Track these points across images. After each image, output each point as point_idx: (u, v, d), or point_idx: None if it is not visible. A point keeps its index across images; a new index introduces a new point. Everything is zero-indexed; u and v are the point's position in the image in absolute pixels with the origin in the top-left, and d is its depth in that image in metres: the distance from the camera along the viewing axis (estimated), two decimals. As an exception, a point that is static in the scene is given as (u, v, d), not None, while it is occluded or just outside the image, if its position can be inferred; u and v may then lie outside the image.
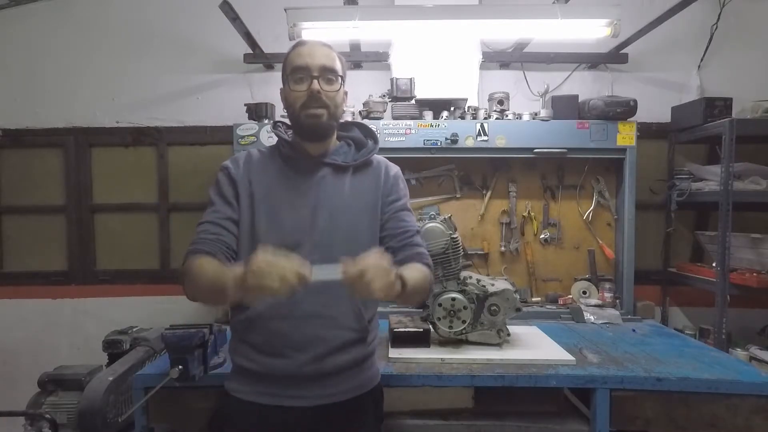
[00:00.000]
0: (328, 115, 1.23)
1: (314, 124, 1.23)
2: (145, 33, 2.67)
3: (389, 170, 1.34)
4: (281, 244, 1.15)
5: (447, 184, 2.47)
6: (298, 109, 1.23)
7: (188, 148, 2.71)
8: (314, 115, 1.22)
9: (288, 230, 1.21)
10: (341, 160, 1.29)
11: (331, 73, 1.23)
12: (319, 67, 1.21)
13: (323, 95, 1.21)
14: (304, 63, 1.21)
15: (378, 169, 1.33)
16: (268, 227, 1.21)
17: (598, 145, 2.27)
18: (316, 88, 1.20)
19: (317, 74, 1.20)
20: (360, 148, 1.34)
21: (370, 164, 1.33)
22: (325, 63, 1.22)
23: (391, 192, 1.31)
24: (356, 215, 1.25)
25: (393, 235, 1.28)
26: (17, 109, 2.69)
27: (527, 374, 1.54)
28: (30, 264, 2.74)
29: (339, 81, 1.24)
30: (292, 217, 1.22)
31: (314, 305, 1.18)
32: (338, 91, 1.24)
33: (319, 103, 1.21)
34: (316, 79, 1.20)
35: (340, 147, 1.33)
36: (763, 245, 2.19)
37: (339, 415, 1.21)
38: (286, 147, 1.29)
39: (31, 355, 2.69)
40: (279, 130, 1.32)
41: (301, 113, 1.22)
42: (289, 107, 1.26)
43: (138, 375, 1.58)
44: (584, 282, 2.41)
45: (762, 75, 2.59)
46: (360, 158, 1.30)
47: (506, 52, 2.60)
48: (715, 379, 1.52)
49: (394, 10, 2.27)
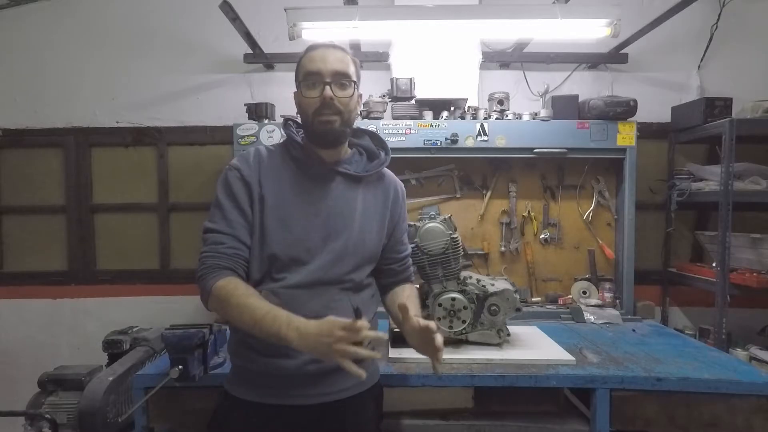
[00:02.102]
0: (341, 121, 1.22)
1: (327, 130, 1.22)
2: (145, 33, 2.67)
3: (398, 188, 1.39)
4: (291, 253, 1.19)
5: (447, 184, 2.47)
6: (311, 115, 1.21)
7: (188, 148, 2.71)
8: (327, 121, 1.20)
9: (299, 240, 1.20)
10: (353, 170, 1.28)
11: (344, 78, 1.21)
12: (332, 72, 1.19)
13: (336, 101, 1.19)
14: (316, 68, 1.19)
15: (388, 183, 1.36)
16: (280, 236, 1.20)
17: (598, 145, 2.27)
18: (328, 94, 1.18)
19: (330, 80, 1.19)
20: (372, 158, 1.35)
21: (382, 177, 1.35)
22: (338, 68, 1.20)
23: (400, 213, 1.38)
24: (366, 227, 1.27)
25: (396, 259, 1.38)
26: (17, 109, 2.69)
27: (527, 374, 1.54)
28: (30, 264, 2.74)
29: (352, 86, 1.23)
30: (304, 226, 1.21)
31: (316, 306, 1.17)
32: (351, 97, 1.23)
33: (332, 109, 1.20)
34: (329, 85, 1.19)
35: (353, 156, 1.33)
36: (763, 245, 2.19)
37: (340, 413, 1.21)
38: (298, 149, 1.27)
39: (31, 355, 2.69)
40: (290, 129, 1.30)
41: (314, 119, 1.21)
42: (302, 113, 1.25)
43: (138, 375, 1.58)
44: (584, 282, 2.41)
45: (762, 75, 2.59)
46: (372, 170, 1.31)
47: (506, 52, 2.60)
48: (715, 379, 1.52)
49: (394, 10, 2.27)
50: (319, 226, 1.22)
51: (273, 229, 1.20)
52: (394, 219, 1.36)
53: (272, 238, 1.19)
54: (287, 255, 1.19)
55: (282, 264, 1.20)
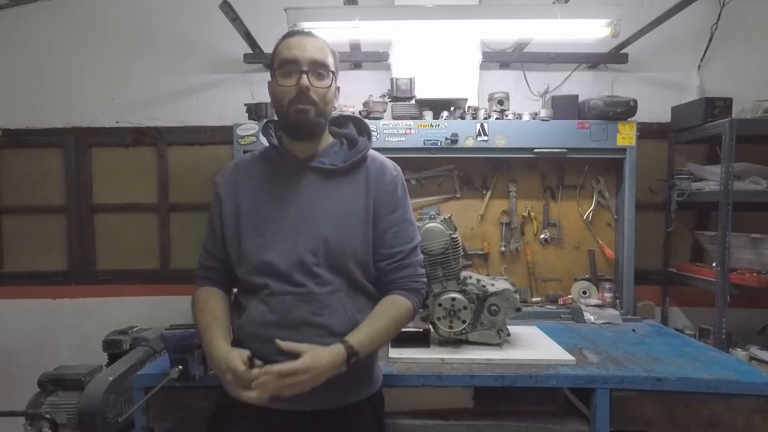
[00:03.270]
0: (316, 112, 1.17)
1: (301, 119, 1.17)
2: (145, 33, 2.67)
3: (384, 174, 1.25)
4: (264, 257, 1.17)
5: (447, 184, 2.47)
6: (286, 104, 1.17)
7: (188, 148, 2.71)
8: (302, 110, 1.16)
9: (271, 242, 1.17)
10: (329, 162, 1.22)
11: (321, 67, 1.16)
12: (309, 60, 1.14)
13: (312, 91, 1.15)
14: (293, 56, 1.15)
15: (373, 170, 1.24)
16: (252, 240, 1.19)
17: (598, 145, 2.27)
18: (305, 83, 1.14)
19: (307, 69, 1.14)
20: (353, 146, 1.26)
21: (363, 163, 1.25)
22: (315, 57, 1.15)
23: (388, 202, 1.23)
24: (345, 225, 1.19)
25: (384, 256, 1.22)
26: (17, 109, 2.69)
27: (527, 374, 1.53)
28: (30, 264, 2.74)
29: (330, 76, 1.18)
30: (276, 230, 1.18)
31: (303, 313, 1.15)
32: (329, 88, 1.18)
33: (307, 99, 1.15)
34: (306, 74, 1.14)
35: (331, 147, 1.26)
36: (763, 245, 2.19)
37: (336, 421, 1.19)
38: (272, 150, 1.25)
39: (31, 355, 2.68)
40: (268, 131, 1.27)
41: (289, 109, 1.17)
42: (276, 102, 1.21)
43: (138, 375, 1.58)
44: (584, 282, 2.41)
45: (762, 75, 2.59)
46: (350, 159, 1.23)
47: (506, 52, 2.60)
48: (715, 379, 1.51)
49: (394, 10, 2.27)
50: (291, 227, 1.17)
51: (246, 235, 1.19)
52: (377, 208, 1.22)
53: (247, 244, 1.19)
54: (260, 260, 1.17)
55: (260, 269, 1.18)
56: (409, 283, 1.23)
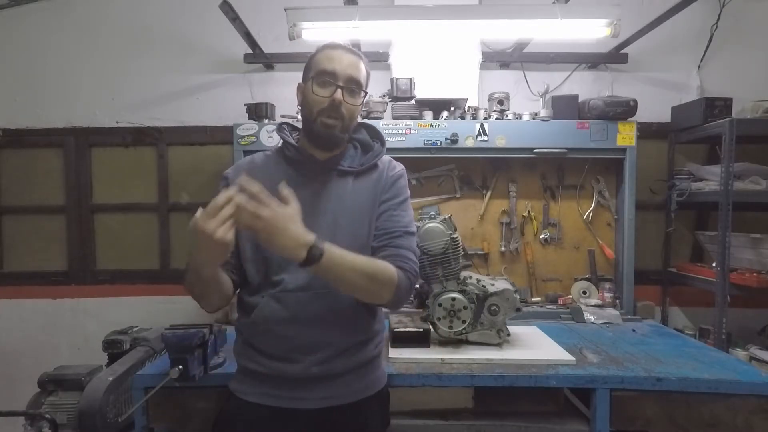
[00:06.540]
0: (342, 127, 1.21)
1: (327, 134, 1.21)
2: (145, 33, 2.67)
3: (389, 170, 1.30)
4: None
5: (447, 184, 2.47)
6: (316, 113, 1.20)
7: (188, 148, 2.71)
8: (329, 125, 1.20)
9: None
10: (347, 165, 1.27)
11: (356, 85, 1.21)
12: (346, 77, 1.19)
13: (343, 106, 1.19)
14: (332, 69, 1.18)
15: (380, 171, 1.30)
16: None
17: (598, 145, 2.27)
18: (338, 98, 1.18)
19: (343, 84, 1.18)
20: (366, 150, 1.32)
21: (375, 167, 1.30)
22: (353, 74, 1.20)
23: (387, 191, 1.27)
24: (357, 219, 1.23)
25: (376, 235, 1.23)
26: (17, 109, 2.69)
27: (527, 374, 1.54)
28: (30, 264, 2.74)
29: (362, 95, 1.23)
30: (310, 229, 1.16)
31: (318, 309, 1.17)
32: (358, 106, 1.23)
33: (337, 113, 1.19)
34: (341, 89, 1.18)
35: (347, 151, 1.31)
36: (763, 245, 2.19)
37: (344, 417, 1.20)
38: (292, 150, 1.27)
39: (31, 355, 2.68)
40: (284, 132, 1.30)
41: (318, 119, 1.20)
42: (306, 107, 1.24)
43: (138, 375, 1.58)
44: (584, 282, 2.41)
45: (762, 75, 2.59)
46: (367, 163, 1.28)
47: (506, 52, 2.60)
48: (715, 379, 1.52)
49: (394, 10, 2.27)
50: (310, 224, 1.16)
51: None
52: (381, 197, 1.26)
53: None
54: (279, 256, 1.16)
55: (276, 265, 1.19)
56: (396, 261, 1.18)
